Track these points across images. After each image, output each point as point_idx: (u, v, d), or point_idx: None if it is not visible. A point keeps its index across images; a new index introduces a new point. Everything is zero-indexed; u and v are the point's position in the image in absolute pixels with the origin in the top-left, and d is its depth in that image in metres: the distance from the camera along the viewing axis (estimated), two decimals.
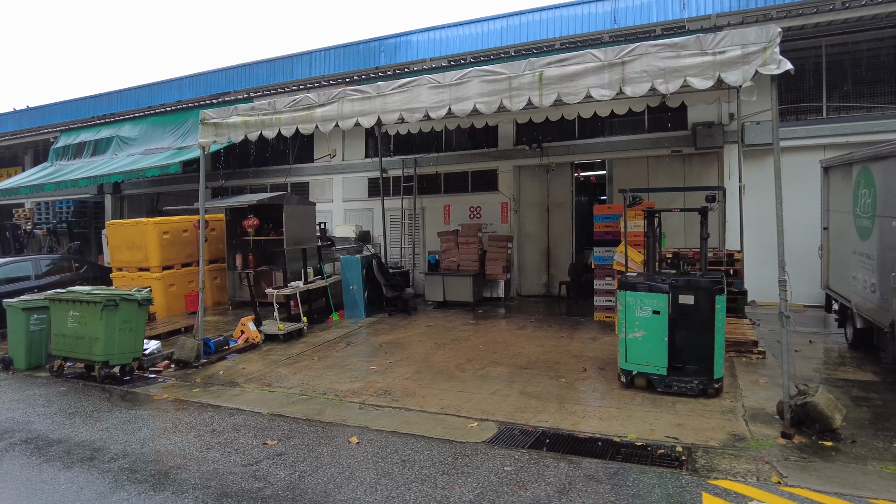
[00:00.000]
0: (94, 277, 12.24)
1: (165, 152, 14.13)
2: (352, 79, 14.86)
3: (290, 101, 8.07)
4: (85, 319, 7.63)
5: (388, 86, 7.40)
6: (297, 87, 14.59)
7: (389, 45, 19.20)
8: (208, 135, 8.77)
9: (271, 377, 7.75)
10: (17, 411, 6.39)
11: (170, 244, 11.62)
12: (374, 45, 19.36)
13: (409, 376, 7.56)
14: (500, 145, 13.29)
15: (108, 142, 15.54)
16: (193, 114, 14.71)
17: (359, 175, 14.84)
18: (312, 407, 6.44)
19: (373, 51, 19.46)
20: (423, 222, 14.12)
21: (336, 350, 9.12)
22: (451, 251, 12.66)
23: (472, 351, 8.70)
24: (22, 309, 8.44)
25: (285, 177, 15.78)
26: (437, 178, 13.98)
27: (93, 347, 7.58)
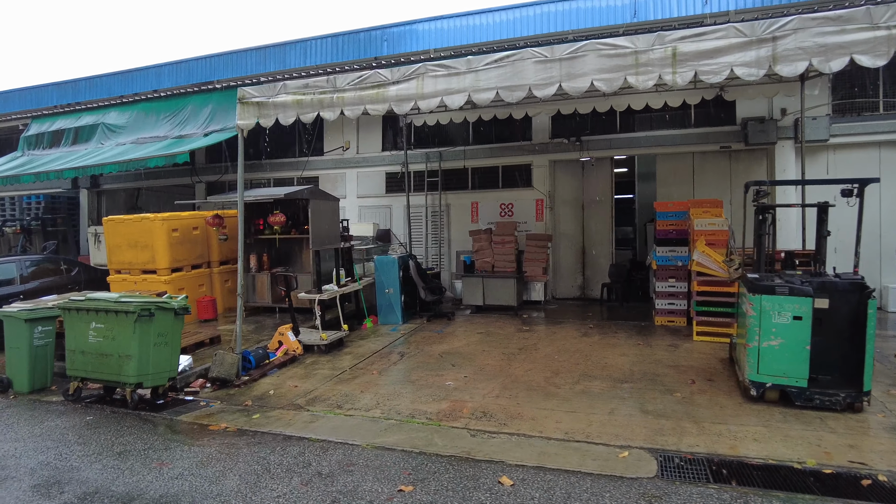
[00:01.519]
0: (86, 281, 10.73)
1: (162, 141, 12.66)
2: (352, 68, 13.70)
3: (356, 78, 6.99)
4: (113, 333, 6.33)
5: (482, 60, 6.43)
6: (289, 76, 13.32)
7: (392, 34, 18.08)
8: (249, 115, 7.59)
9: (336, 397, 6.66)
10: (47, 452, 5.09)
11: (179, 243, 10.26)
12: (375, 33, 18.20)
13: (497, 393, 6.62)
14: (535, 138, 12.44)
15: (92, 129, 13.88)
16: (192, 100, 13.28)
17: (375, 169, 13.72)
18: (415, 435, 5.41)
19: (374, 40, 18.31)
20: (447, 220, 13.13)
21: (391, 362, 8.06)
22: (485, 251, 11.72)
23: (550, 362, 7.81)
24: (25, 320, 7.04)
25: (293, 170, 14.50)
26: (464, 172, 13.02)
27: (123, 367, 6.29)
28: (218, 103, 12.87)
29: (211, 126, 12.63)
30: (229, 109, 12.69)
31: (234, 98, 12.99)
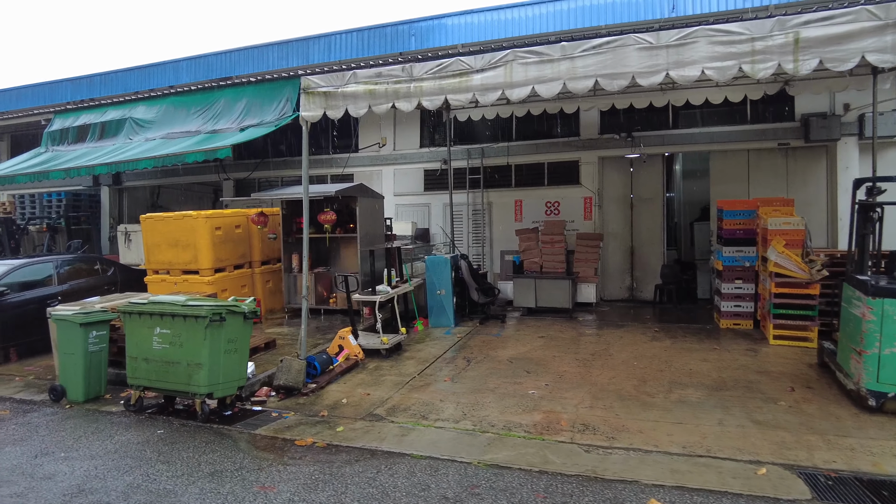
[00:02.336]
0: (123, 281, 10.26)
1: (194, 136, 12.19)
2: (376, 63, 13.26)
3: (435, 66, 6.55)
4: (181, 339, 5.88)
5: (578, 46, 6.00)
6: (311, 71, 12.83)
7: (421, 28, 17.63)
8: (314, 106, 7.14)
9: (415, 406, 6.24)
10: (132, 472, 4.63)
11: (222, 242, 9.80)
12: (402, 28, 17.74)
13: (590, 403, 6.21)
14: (583, 134, 12.02)
15: (120, 124, 13.39)
16: (224, 94, 12.84)
17: (413, 166, 13.28)
18: (524, 451, 4.99)
19: (401, 34, 17.83)
20: (489, 219, 12.70)
21: (460, 368, 7.62)
22: (532, 251, 11.31)
23: (631, 368, 7.40)
24: (80, 324, 6.57)
25: (325, 168, 14.04)
26: (507, 169, 12.59)
27: (193, 376, 5.84)
28: (253, 97, 12.42)
29: (246, 121, 12.18)
30: (264, 103, 12.27)
31: (269, 92, 12.62)
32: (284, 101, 12.07)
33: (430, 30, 17.83)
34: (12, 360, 8.59)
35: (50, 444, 5.27)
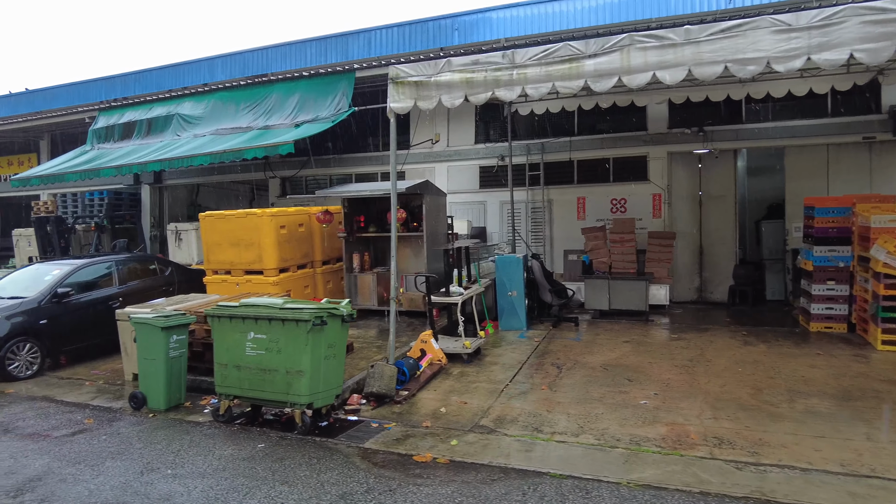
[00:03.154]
0: (181, 282, 9.93)
1: (246, 133, 11.84)
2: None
3: (540, 52, 6.11)
4: (279, 344, 5.49)
5: (704, 30, 5.53)
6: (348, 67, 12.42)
7: (464, 22, 17.18)
8: (404, 97, 6.72)
9: (523, 417, 5.82)
10: (255, 496, 4.21)
11: (286, 241, 9.41)
12: (445, 22, 17.32)
13: (711, 414, 5.77)
14: (651, 128, 11.52)
15: (167, 121, 13.08)
16: (276, 89, 12.49)
17: (468, 163, 12.85)
18: (669, 469, 4.54)
19: (444, 29, 17.41)
20: (550, 217, 12.24)
21: (552, 375, 7.18)
22: (600, 250, 10.84)
23: (739, 376, 6.92)
24: (162, 328, 6.21)
25: (374, 165, 13.65)
26: (569, 165, 12.12)
27: (293, 384, 5.44)
28: (306, 92, 12.06)
29: (300, 116, 11.81)
30: (318, 98, 11.90)
31: (323, 86, 12.23)
32: (340, 96, 11.69)
33: (473, 24, 17.38)
34: (62, 364, 8.23)
35: (150, 459, 4.88)
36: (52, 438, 5.42)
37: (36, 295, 8.06)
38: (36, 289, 8.20)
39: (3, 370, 7.53)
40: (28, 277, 8.80)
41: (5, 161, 18.52)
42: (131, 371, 7.54)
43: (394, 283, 6.92)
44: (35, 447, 5.19)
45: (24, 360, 7.76)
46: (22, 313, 7.80)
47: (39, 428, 5.75)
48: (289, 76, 12.47)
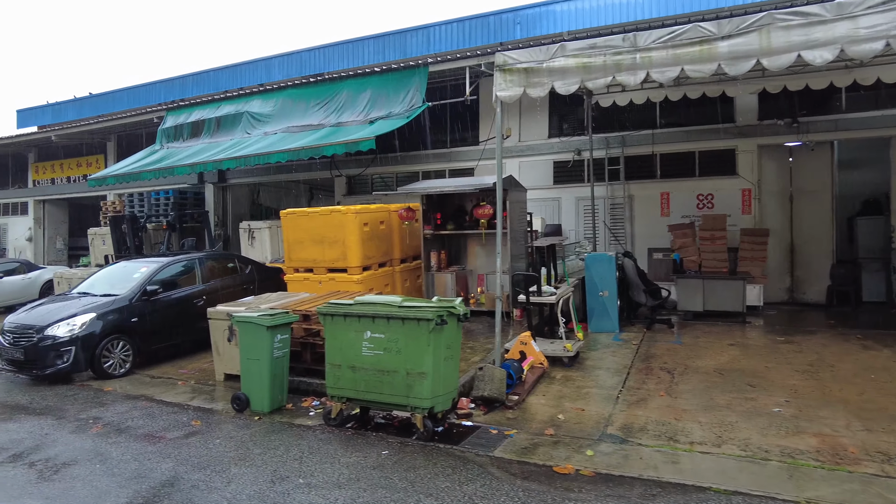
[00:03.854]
0: (260, 280, 9.81)
1: (318, 130, 11.70)
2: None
3: (667, 34, 5.69)
4: (399, 344, 5.21)
5: (860, 4, 5.02)
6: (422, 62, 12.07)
7: (527, 16, 16.82)
8: (512, 85, 6.38)
9: (652, 426, 5.42)
10: None
11: (369, 239, 9.19)
12: (507, 16, 16.99)
13: (862, 425, 5.30)
14: (740, 119, 10.92)
15: (235, 119, 13.06)
16: (346, 86, 12.29)
17: (541, 158, 12.46)
18: (845, 488, 4.13)
19: (506, 23, 17.06)
20: (631, 213, 11.74)
21: (665, 381, 6.73)
22: (689, 248, 10.33)
23: (873, 383, 6.40)
24: (267, 328, 6.01)
25: (442, 162, 13.36)
26: (651, 159, 11.60)
27: (414, 387, 5.16)
28: (378, 88, 11.84)
29: (372, 112, 11.60)
30: (390, 94, 11.67)
31: (395, 82, 11.97)
32: (413, 91, 11.44)
33: (537, 17, 16.99)
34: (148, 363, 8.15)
35: (275, 466, 4.65)
36: (167, 441, 5.25)
37: (127, 293, 8.01)
38: (126, 286, 8.15)
39: (100, 368, 7.48)
40: (115, 275, 8.79)
41: (74, 163, 18.91)
42: (223, 371, 7.41)
43: (499, 282, 6.58)
44: (154, 450, 5.02)
45: (117, 357, 7.70)
46: (115, 311, 7.75)
47: (151, 429, 5.60)
48: (359, 73, 12.26)
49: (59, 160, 19.46)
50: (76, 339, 7.30)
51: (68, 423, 5.79)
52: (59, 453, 4.95)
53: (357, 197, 14.21)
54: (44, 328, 7.32)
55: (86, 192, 18.93)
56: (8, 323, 7.73)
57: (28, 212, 20.12)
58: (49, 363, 7.26)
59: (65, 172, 19.28)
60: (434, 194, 9.86)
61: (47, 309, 7.83)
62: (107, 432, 5.49)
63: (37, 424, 5.75)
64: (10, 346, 7.40)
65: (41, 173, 19.90)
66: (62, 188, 19.50)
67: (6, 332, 7.56)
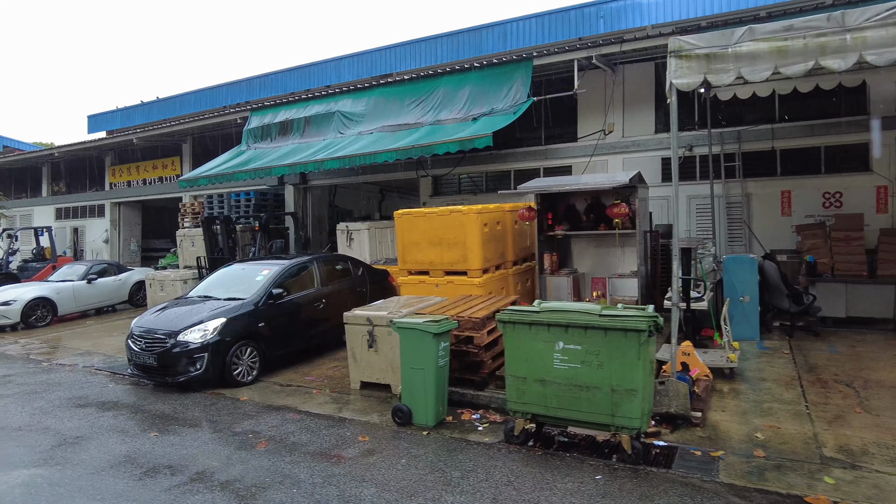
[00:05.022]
0: (372, 283, 9.47)
1: (417, 129, 11.34)
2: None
3: (884, 11, 5.07)
4: (600, 357, 4.73)
5: None
6: (526, 56, 11.55)
7: (610, 9, 16.24)
8: (690, 72, 5.84)
9: (872, 448, 4.91)
10: None
11: (488, 240, 8.75)
12: (589, 10, 16.42)
13: None
14: (874, 111, 10.13)
15: (326, 119, 12.80)
16: (442, 83, 11.92)
17: (647, 155, 11.83)
18: None
19: (588, 18, 16.49)
20: (748, 213, 11.04)
21: (852, 396, 6.11)
22: (819, 249, 9.60)
23: None
24: (434, 335, 5.60)
25: (535, 160, 12.85)
26: (770, 155, 10.89)
27: (621, 405, 4.67)
28: (476, 84, 11.44)
29: (473, 110, 11.21)
30: (489, 90, 11.27)
31: (495, 78, 11.49)
32: (517, 86, 11.01)
33: (621, 10, 16.41)
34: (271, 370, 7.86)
35: (492, 493, 4.21)
36: (348, 460, 4.87)
37: (252, 296, 7.73)
38: (250, 289, 7.88)
39: (230, 375, 7.20)
40: (232, 278, 8.56)
41: (150, 165, 19.02)
42: (359, 379, 7.06)
43: (675, 287, 6.03)
44: (341, 471, 4.64)
45: (245, 364, 7.42)
46: (243, 315, 7.47)
47: (319, 445, 5.24)
48: (457, 68, 11.86)
49: (136, 163, 19.60)
50: (208, 346, 7.03)
51: (228, 437, 5.47)
52: (242, 474, 4.60)
53: (444, 198, 13.80)
54: (176, 333, 7.06)
55: (160, 193, 19.02)
56: (137, 327, 7.51)
57: (105, 214, 20.33)
58: (181, 370, 7.01)
59: (140, 175, 19.40)
60: (547, 193, 9.36)
61: (175, 313, 7.59)
62: (276, 449, 5.14)
63: (197, 438, 5.44)
64: (143, 352, 7.17)
65: (117, 176, 20.08)
66: (137, 190, 19.64)
67: (137, 337, 7.34)
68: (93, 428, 5.79)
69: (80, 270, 13.44)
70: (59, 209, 21.98)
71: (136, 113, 24.26)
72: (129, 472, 4.67)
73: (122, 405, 6.61)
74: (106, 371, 8.39)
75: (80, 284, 13.05)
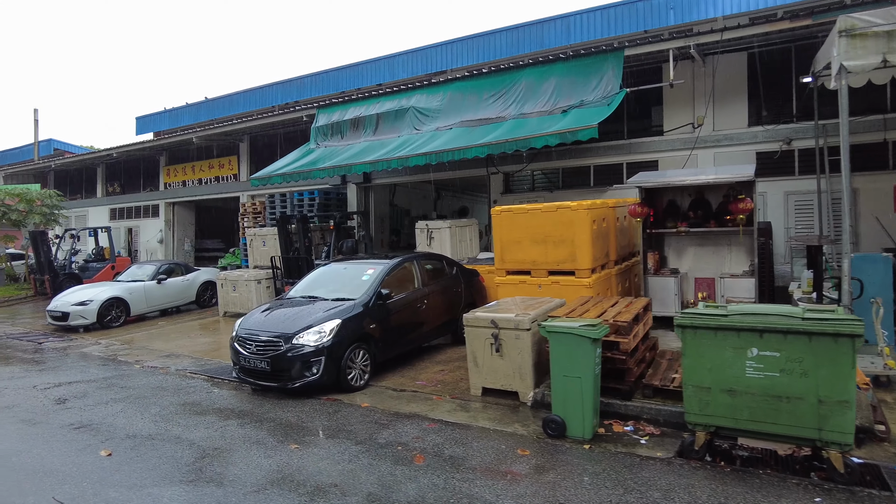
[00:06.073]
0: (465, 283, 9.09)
1: (501, 123, 10.95)
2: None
3: None
4: (804, 365, 4.27)
5: None
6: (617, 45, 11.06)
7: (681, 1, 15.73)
8: (865, 53, 5.38)
9: None
10: None
11: (597, 238, 8.31)
12: (658, 1, 15.92)
13: None
14: None
15: (399, 115, 12.47)
16: (524, 74, 11.51)
17: (741, 149, 11.28)
18: None
19: (656, 9, 15.97)
20: (855, 210, 10.42)
21: None
22: None
23: None
24: (592, 340, 5.18)
25: (617, 155, 12.36)
26: (881, 148, 10.29)
27: (830, 418, 4.22)
28: (563, 76, 11.01)
29: (560, 102, 10.78)
30: (577, 82, 10.84)
31: (582, 68, 10.97)
32: (607, 77, 10.56)
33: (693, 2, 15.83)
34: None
35: None
36: (526, 478, 4.47)
37: (362, 296, 7.39)
38: (357, 290, 7.54)
39: (345, 380, 6.86)
40: (331, 277, 8.27)
41: (206, 165, 18.91)
42: (480, 385, 6.68)
43: (845, 287, 5.54)
44: (529, 492, 4.22)
45: (358, 368, 7.07)
46: (355, 317, 7.12)
47: (481, 460, 4.84)
48: (540, 59, 11.43)
49: (191, 162, 19.52)
50: (324, 349, 6.69)
51: (376, 450, 5.09)
52: (421, 495, 4.20)
53: (517, 195, 13.38)
54: (291, 336, 6.74)
55: (217, 193, 18.90)
56: (243, 330, 7.21)
57: (159, 214, 20.30)
58: (296, 375, 6.69)
59: (196, 175, 19.31)
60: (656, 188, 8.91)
61: (284, 314, 7.27)
62: (437, 464, 4.75)
63: (343, 451, 5.07)
64: (254, 356, 6.85)
65: (172, 176, 20.03)
66: (193, 190, 19.55)
67: (245, 340, 7.03)
68: (224, 438, 5.47)
69: (149, 270, 13.28)
70: (113, 209, 22.03)
71: (184, 114, 24.28)
72: (294, 490, 4.32)
73: (241, 413, 6.30)
74: (202, 375, 8.12)
75: (150, 284, 12.89)
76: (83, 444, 5.41)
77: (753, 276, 8.62)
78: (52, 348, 10.41)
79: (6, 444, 5.43)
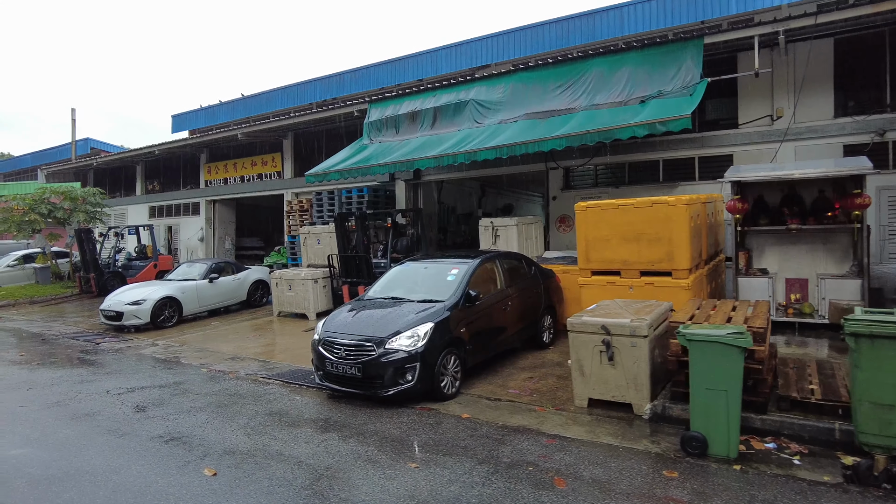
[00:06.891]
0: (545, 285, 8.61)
1: (572, 115, 10.43)
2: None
3: None
4: None
5: None
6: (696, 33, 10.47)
7: None
8: None
9: None
10: None
11: (694, 236, 7.77)
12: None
13: None
14: None
15: (458, 108, 12.00)
16: (594, 64, 10.95)
17: (825, 142, 10.62)
18: None
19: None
20: None
21: None
22: None
23: None
24: (741, 349, 4.66)
25: (693, 148, 11.75)
26: None
27: None
28: (637, 65, 10.45)
29: (635, 92, 10.24)
30: (654, 71, 10.26)
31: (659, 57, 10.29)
32: (686, 66, 10.01)
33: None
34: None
35: None
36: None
37: (450, 298, 6.95)
38: (443, 290, 7.10)
39: (438, 387, 6.42)
40: (411, 278, 7.85)
41: (248, 162, 18.63)
42: (586, 395, 6.21)
43: None
44: None
45: (450, 374, 6.63)
46: (446, 321, 6.67)
47: (629, 484, 4.37)
48: (612, 48, 10.88)
49: (232, 160, 19.26)
50: (418, 354, 6.27)
51: (506, 471, 4.60)
52: None
53: (578, 191, 12.83)
54: (384, 341, 6.32)
55: (261, 191, 18.61)
56: (328, 333, 6.79)
57: (199, 212, 20.08)
58: (389, 382, 6.26)
59: (238, 172, 19.04)
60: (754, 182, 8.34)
61: (371, 317, 6.85)
62: (582, 489, 4.27)
63: (470, 472, 4.56)
64: (343, 361, 6.44)
65: (213, 173, 19.79)
66: (235, 188, 19.28)
67: (333, 345, 6.61)
68: (330, 455, 5.05)
69: (200, 269, 12.98)
70: (152, 207, 21.88)
71: (220, 111, 24.09)
72: None
73: (337, 424, 5.87)
74: (276, 380, 7.73)
75: (202, 284, 12.59)
76: (181, 459, 5.02)
77: (860, 277, 8.03)
78: (110, 349, 10.12)
79: (101, 460, 5.06)
